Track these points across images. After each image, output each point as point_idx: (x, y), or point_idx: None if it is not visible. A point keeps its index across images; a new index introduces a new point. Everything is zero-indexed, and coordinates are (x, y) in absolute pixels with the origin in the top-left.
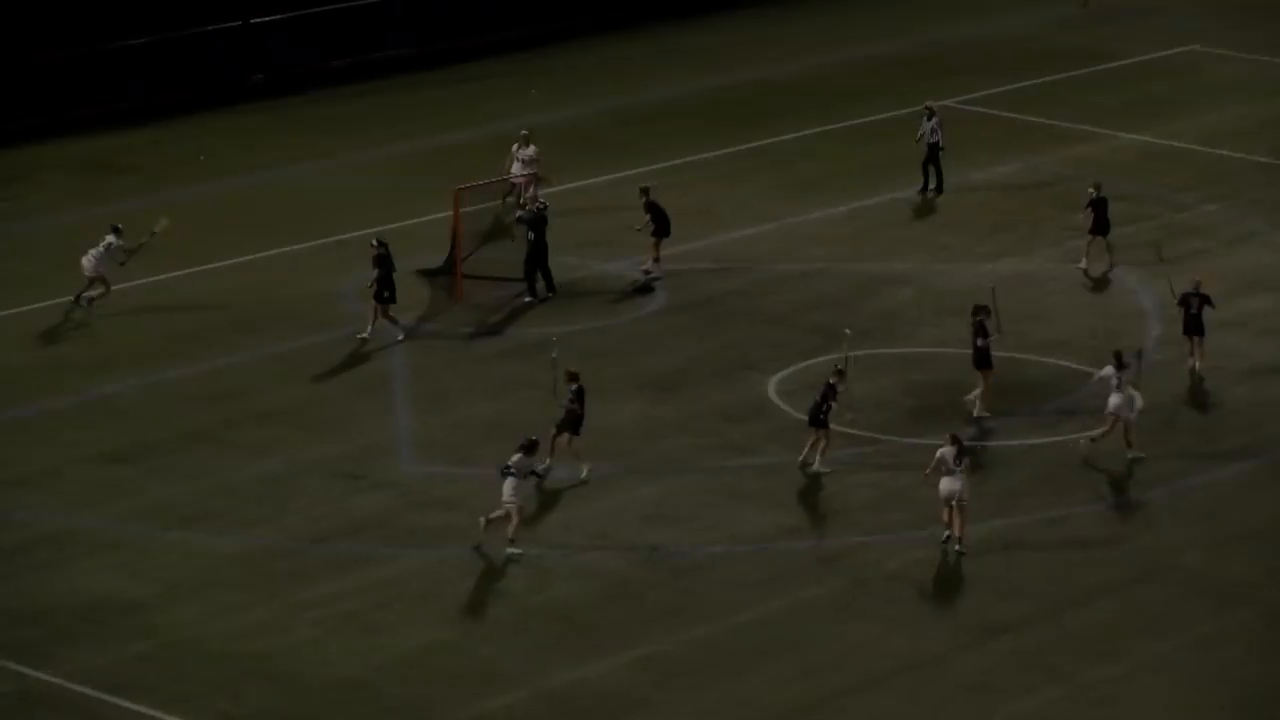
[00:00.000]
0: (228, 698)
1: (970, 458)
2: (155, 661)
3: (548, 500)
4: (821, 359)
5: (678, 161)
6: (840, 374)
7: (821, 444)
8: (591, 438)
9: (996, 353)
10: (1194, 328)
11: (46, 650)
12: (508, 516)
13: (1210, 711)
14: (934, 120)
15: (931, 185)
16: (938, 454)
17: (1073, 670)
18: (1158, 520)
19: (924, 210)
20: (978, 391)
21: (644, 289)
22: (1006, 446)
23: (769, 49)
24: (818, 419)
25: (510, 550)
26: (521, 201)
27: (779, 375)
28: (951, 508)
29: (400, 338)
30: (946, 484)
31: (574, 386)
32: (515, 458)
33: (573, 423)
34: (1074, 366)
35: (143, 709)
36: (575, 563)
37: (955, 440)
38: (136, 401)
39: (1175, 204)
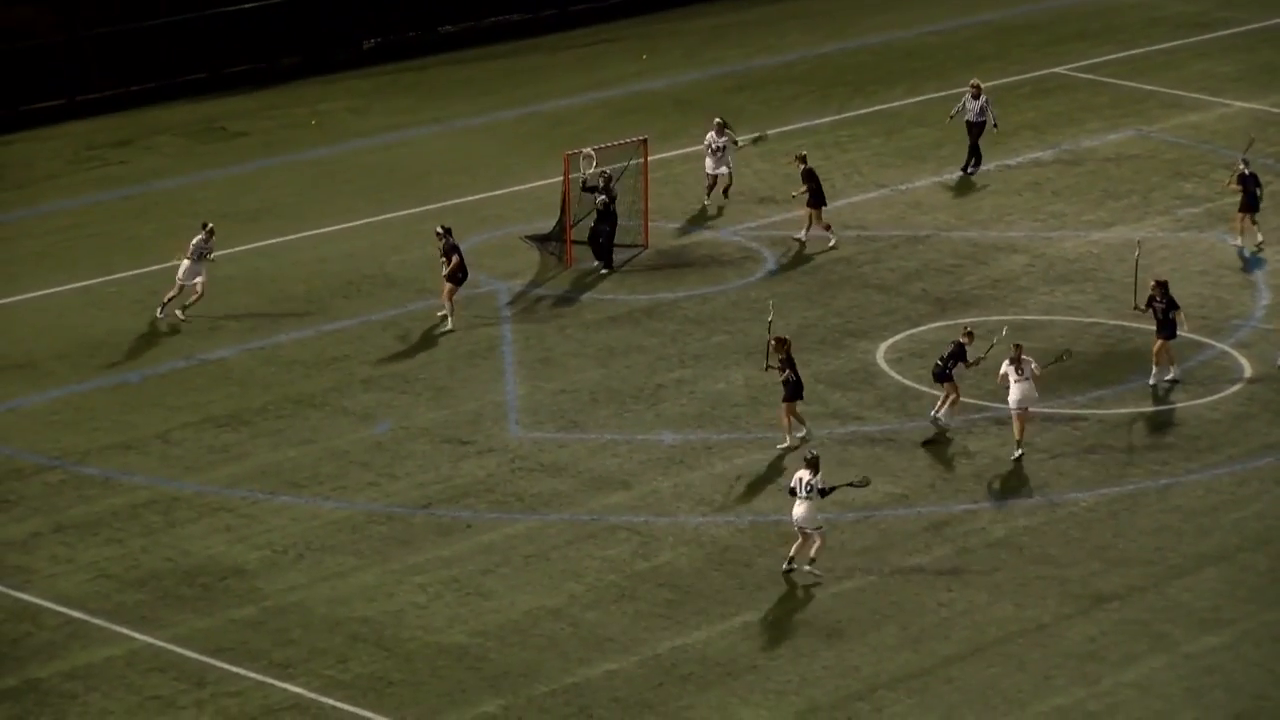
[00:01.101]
0: (334, 663)
1: (1035, 364)
2: (261, 626)
3: (657, 468)
4: (930, 326)
5: (789, 127)
6: (970, 335)
7: (951, 397)
8: (699, 404)
9: (1110, 320)
10: None
11: (154, 614)
12: (807, 540)
13: None
14: (981, 99)
15: (971, 164)
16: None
17: (1179, 639)
18: (1266, 489)
19: (1035, 178)
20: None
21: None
22: (1115, 415)
23: (884, 14)
24: (944, 374)
25: (811, 570)
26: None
27: (887, 342)
28: (1018, 416)
29: (449, 326)
30: (1015, 391)
31: (782, 356)
32: (802, 477)
33: (791, 390)
34: (1184, 335)
35: (249, 673)
36: (681, 530)
37: (1017, 348)
38: (244, 366)
39: None
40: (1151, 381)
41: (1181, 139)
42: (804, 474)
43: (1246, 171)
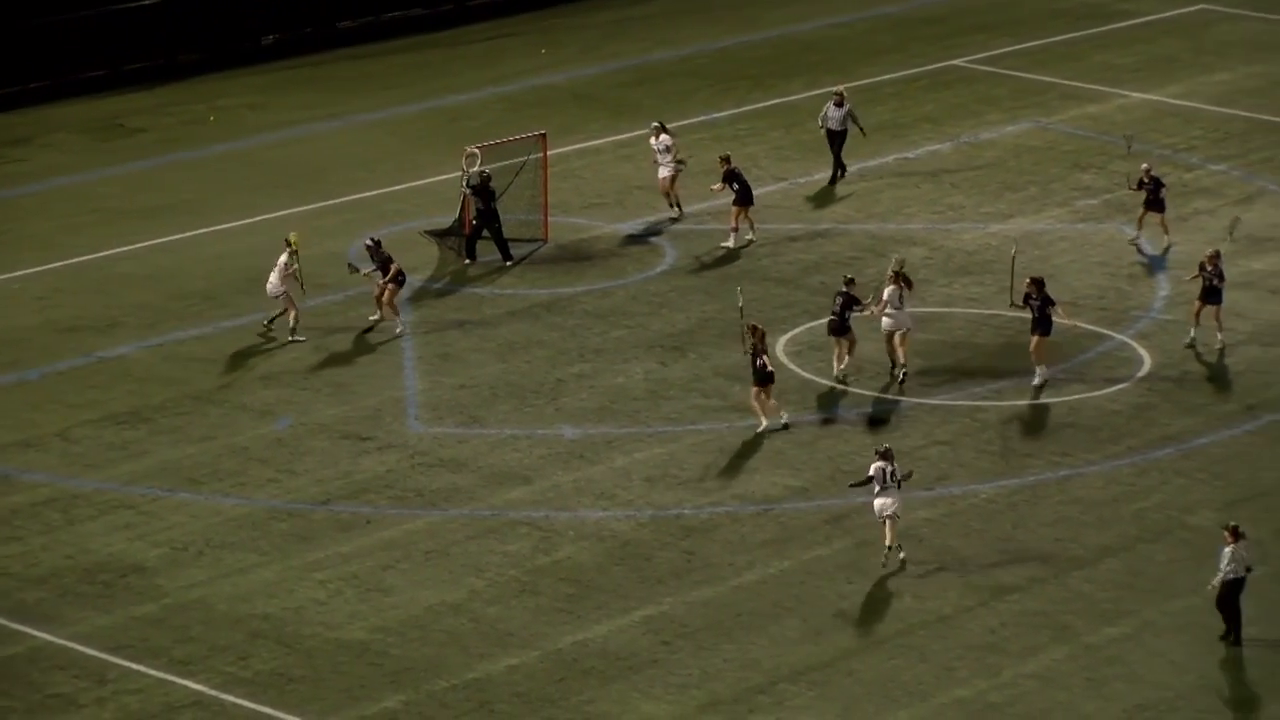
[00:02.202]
0: (234, 659)
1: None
2: (162, 623)
3: (557, 462)
4: (830, 319)
5: (688, 121)
6: (851, 281)
7: (846, 349)
8: (599, 399)
9: (1009, 313)
10: (1212, 296)
11: (54, 611)
12: (893, 525)
13: (1216, 671)
14: (845, 107)
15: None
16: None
17: (1081, 630)
18: (1167, 480)
19: (934, 170)
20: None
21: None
22: (1015, 406)
23: (783, 8)
24: (843, 326)
25: (899, 554)
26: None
27: (787, 335)
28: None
29: (398, 330)
30: (888, 321)
31: (752, 341)
32: (884, 468)
33: (761, 377)
34: (1084, 326)
35: (150, 670)
36: (582, 525)
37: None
38: (144, 363)
39: (1183, 163)
40: (1036, 382)
41: (1080, 130)
42: (882, 464)
43: (1147, 176)
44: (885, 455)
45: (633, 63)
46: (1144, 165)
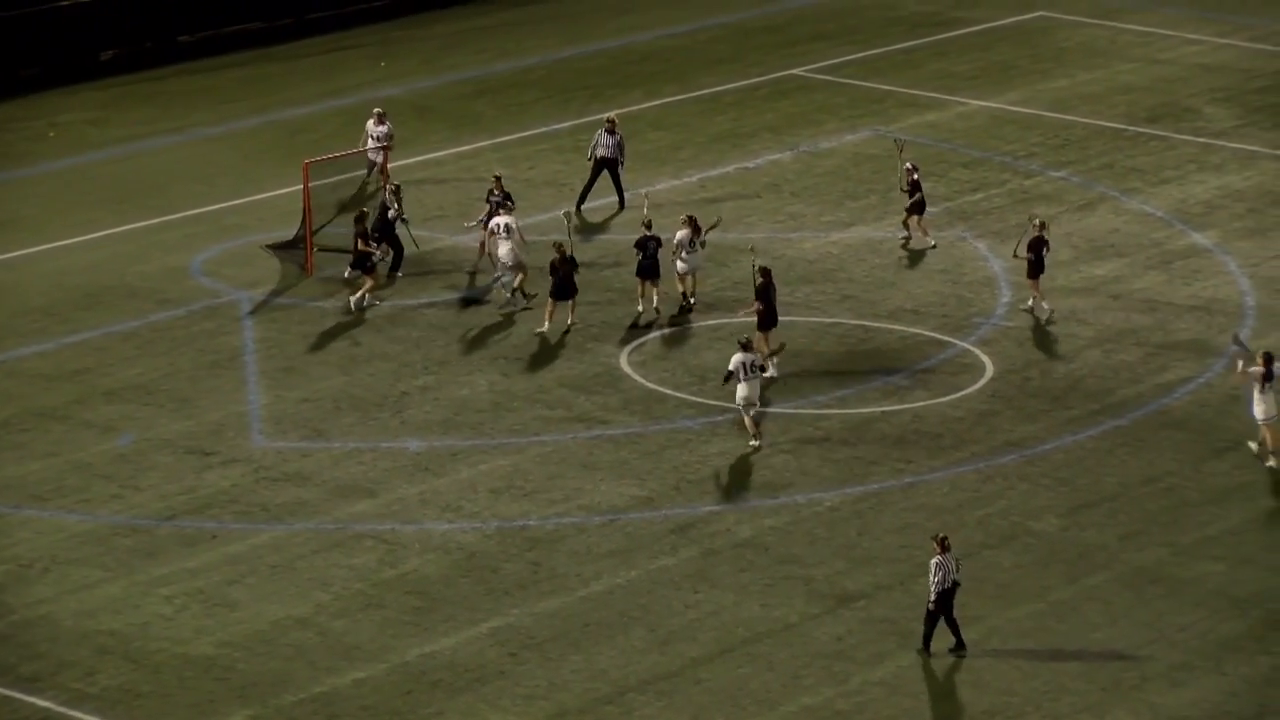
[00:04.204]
0: (81, 676)
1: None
2: (8, 640)
3: (402, 475)
4: (673, 329)
5: (528, 133)
6: (648, 222)
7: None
8: (443, 410)
9: (851, 320)
10: (1036, 270)
11: None
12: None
13: (1066, 678)
14: (616, 136)
15: (614, 198)
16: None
17: None
18: (1010, 486)
19: (774, 179)
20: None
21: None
22: (858, 414)
23: (621, 18)
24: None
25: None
26: (374, 180)
27: (630, 346)
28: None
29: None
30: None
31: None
32: (737, 360)
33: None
34: (926, 334)
35: None
36: (428, 537)
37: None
38: None
39: (1023, 170)
40: (768, 373)
41: (920, 138)
42: (743, 356)
43: (915, 176)
44: (745, 347)
45: (472, 74)
46: (907, 165)
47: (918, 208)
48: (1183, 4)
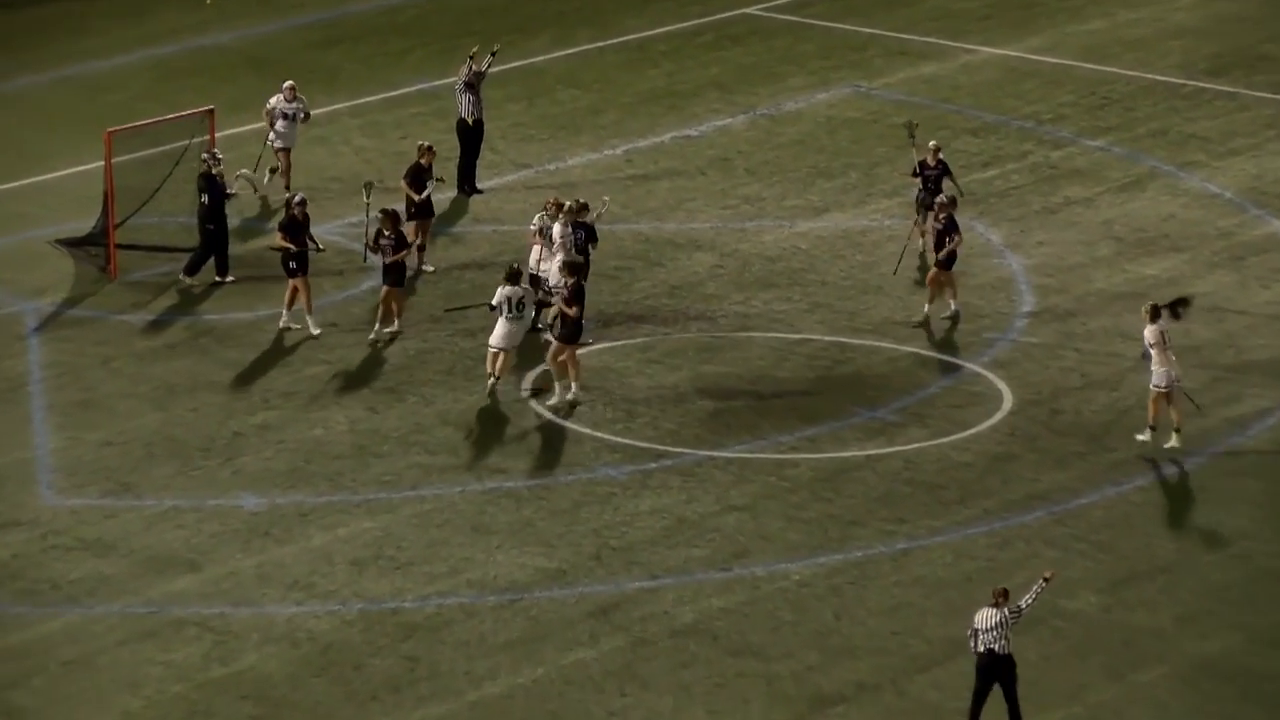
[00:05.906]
0: None
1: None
2: None
3: (235, 542)
4: (592, 348)
5: (397, 92)
6: (369, 186)
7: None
8: (289, 457)
9: (824, 336)
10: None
11: None
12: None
13: None
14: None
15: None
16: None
17: None
18: (1035, 553)
19: (723, 153)
20: None
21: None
22: (834, 459)
23: None
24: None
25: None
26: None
27: (534, 371)
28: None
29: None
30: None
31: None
32: (503, 294)
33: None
34: (922, 353)
35: None
36: (270, 624)
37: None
38: None
39: (1049, 138)
40: (570, 397)
41: (914, 97)
42: (510, 290)
43: (941, 156)
44: (513, 278)
45: (323, 16)
46: (932, 143)
47: (930, 205)
48: None
